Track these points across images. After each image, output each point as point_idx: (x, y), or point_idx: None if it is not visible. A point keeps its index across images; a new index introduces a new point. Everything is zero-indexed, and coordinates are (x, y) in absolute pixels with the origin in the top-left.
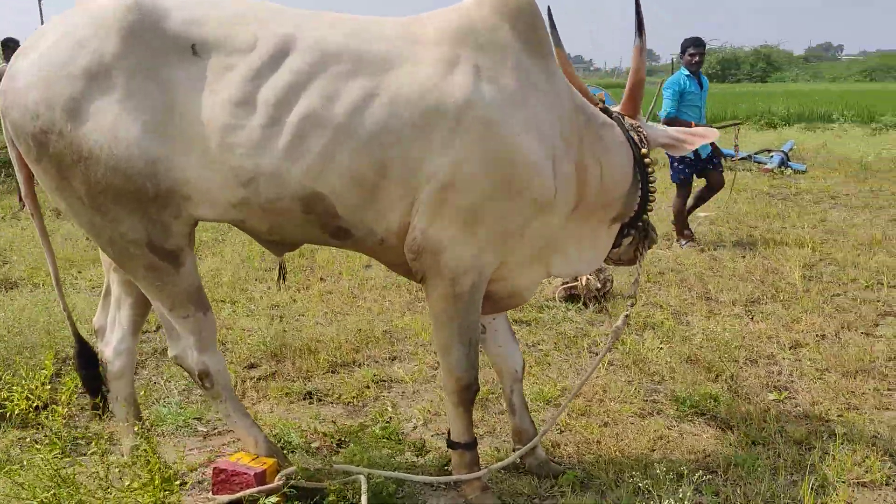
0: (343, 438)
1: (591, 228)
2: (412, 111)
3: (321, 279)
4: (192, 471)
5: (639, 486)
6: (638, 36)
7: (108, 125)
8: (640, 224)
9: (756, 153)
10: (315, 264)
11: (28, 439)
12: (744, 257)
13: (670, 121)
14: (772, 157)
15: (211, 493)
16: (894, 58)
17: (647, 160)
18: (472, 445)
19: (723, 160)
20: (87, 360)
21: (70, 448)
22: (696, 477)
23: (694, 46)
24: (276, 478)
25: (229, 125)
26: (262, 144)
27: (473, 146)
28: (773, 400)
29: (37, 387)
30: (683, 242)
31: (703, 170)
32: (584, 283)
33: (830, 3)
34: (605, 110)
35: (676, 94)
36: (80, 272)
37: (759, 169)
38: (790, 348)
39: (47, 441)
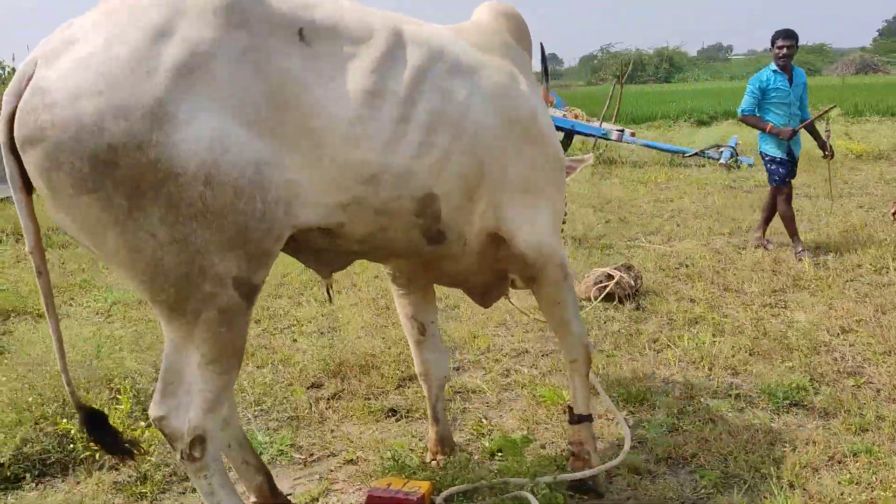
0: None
1: None
2: (498, 113)
3: (336, 291)
4: (314, 502)
5: (783, 481)
6: (545, 81)
7: (212, 129)
8: None
9: (706, 149)
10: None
11: (121, 483)
12: (744, 249)
13: (745, 118)
14: (722, 152)
15: None
16: None
17: None
18: (592, 416)
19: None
20: (97, 425)
21: (164, 488)
22: (830, 468)
23: (783, 38)
24: (439, 500)
25: (357, 118)
26: (394, 140)
27: (543, 151)
28: (853, 386)
29: (123, 427)
30: (800, 249)
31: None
32: (616, 280)
33: (717, 6)
34: None
35: (756, 92)
36: (72, 298)
37: (718, 164)
38: (840, 334)
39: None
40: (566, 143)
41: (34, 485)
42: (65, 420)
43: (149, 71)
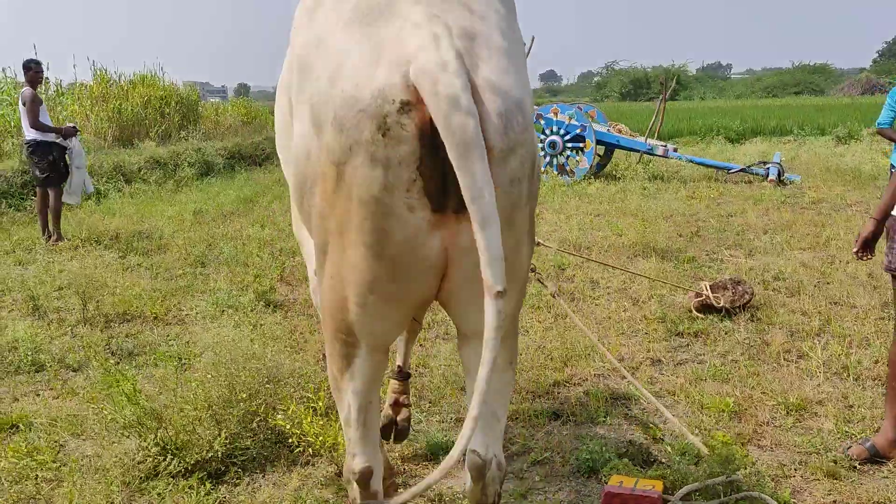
0: (645, 458)
1: None
2: None
3: None
4: (522, 499)
5: None
6: None
7: None
8: None
9: (751, 165)
10: None
11: (325, 478)
12: (832, 263)
13: (881, 131)
14: (768, 168)
15: None
16: (788, 74)
17: None
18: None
19: None
20: None
21: None
22: None
23: None
24: (676, 497)
25: None
26: None
27: None
28: None
29: (317, 422)
30: None
31: None
32: (723, 304)
33: (716, 25)
34: None
35: (895, 105)
36: (179, 302)
37: (767, 181)
38: None
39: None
40: (607, 158)
41: (237, 479)
42: (263, 418)
43: None
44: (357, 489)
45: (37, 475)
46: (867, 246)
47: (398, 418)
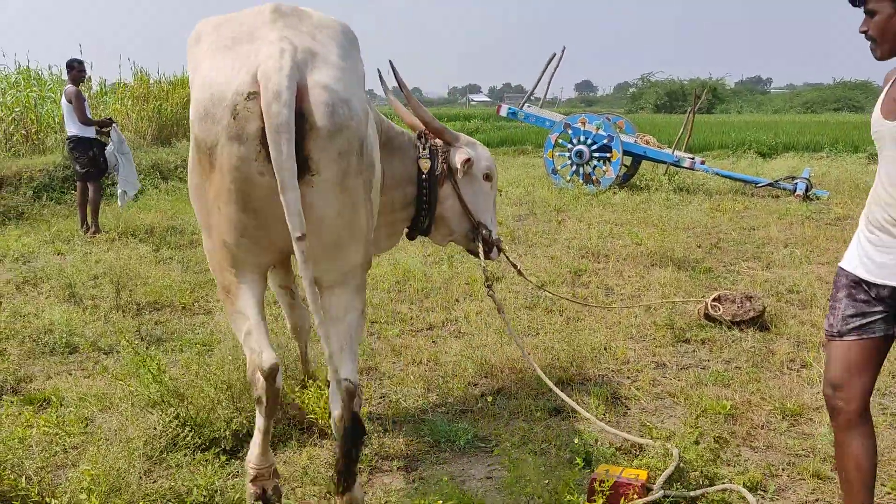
0: (637, 452)
1: None
2: None
3: (455, 300)
4: (515, 484)
5: None
6: (403, 92)
7: None
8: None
9: (779, 180)
10: (432, 283)
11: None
12: None
13: None
14: (797, 184)
15: None
16: (828, 90)
17: (423, 176)
18: None
19: None
20: None
21: (374, 466)
22: None
23: None
24: (657, 484)
25: None
26: None
27: None
28: None
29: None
30: None
31: None
32: (710, 304)
33: (758, 40)
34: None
35: None
36: (207, 294)
37: (794, 196)
38: None
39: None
40: (633, 169)
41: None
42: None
43: None
44: (265, 385)
45: (64, 443)
46: None
47: None
